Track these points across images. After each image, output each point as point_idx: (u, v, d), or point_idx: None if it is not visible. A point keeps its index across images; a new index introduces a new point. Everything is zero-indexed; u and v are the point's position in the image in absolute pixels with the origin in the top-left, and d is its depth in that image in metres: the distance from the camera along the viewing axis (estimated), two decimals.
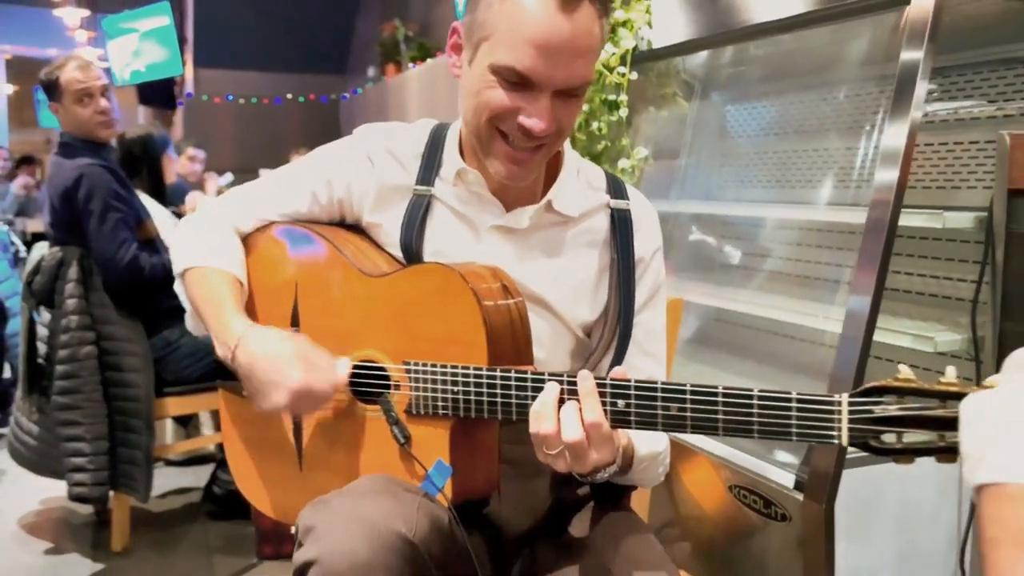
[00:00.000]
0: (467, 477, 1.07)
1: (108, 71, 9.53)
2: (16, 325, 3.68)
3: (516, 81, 1.02)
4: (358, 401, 1.12)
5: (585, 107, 2.29)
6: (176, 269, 1.24)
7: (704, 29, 1.96)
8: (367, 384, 1.11)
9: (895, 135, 1.42)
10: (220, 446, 3.13)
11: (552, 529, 1.18)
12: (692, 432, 0.91)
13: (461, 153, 1.17)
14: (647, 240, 1.21)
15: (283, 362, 1.04)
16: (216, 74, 8.46)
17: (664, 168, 2.42)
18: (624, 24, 2.22)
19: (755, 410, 0.87)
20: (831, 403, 0.84)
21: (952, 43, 1.84)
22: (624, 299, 1.17)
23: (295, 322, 1.19)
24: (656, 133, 2.32)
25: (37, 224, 6.20)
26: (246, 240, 1.25)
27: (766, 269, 2.07)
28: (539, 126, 1.03)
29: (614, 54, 2.20)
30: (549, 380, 0.97)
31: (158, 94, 8.83)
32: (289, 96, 8.58)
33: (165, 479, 3.03)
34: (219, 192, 3.98)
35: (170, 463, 3.24)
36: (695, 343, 2.10)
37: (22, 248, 4.44)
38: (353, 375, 1.10)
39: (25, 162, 7.79)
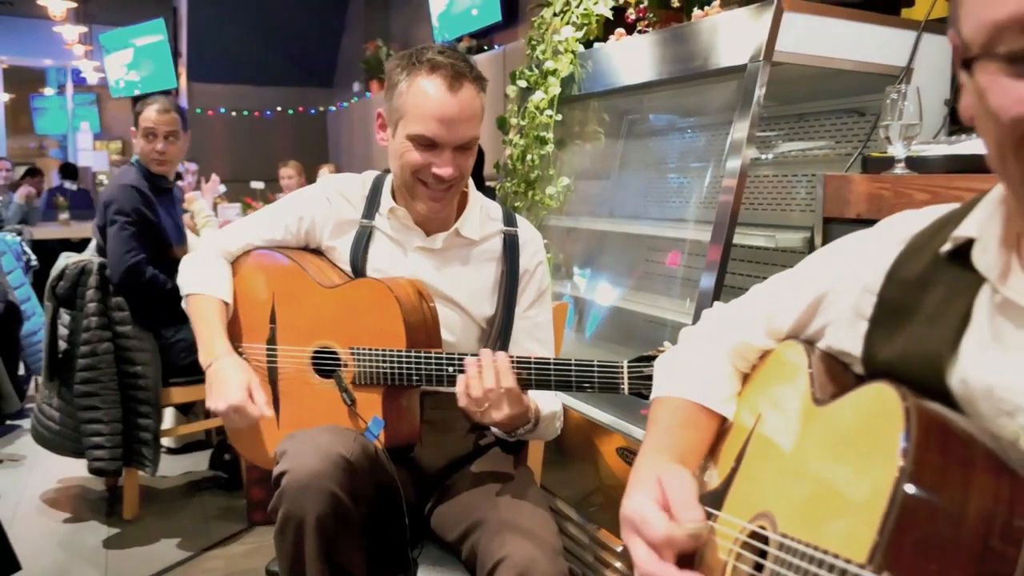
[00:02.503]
0: (396, 428, 1.49)
1: (104, 82, 9.97)
2: (34, 325, 4.09)
3: (426, 144, 1.45)
4: (319, 376, 1.54)
5: (522, 142, 2.71)
6: (182, 293, 1.66)
7: (616, 81, 2.40)
8: (325, 364, 1.53)
9: (731, 169, 1.83)
10: (210, 431, 3.54)
11: (460, 468, 1.59)
12: (536, 388, 1.34)
13: (393, 196, 1.60)
14: (531, 257, 1.63)
15: (233, 385, 1.46)
16: (209, 88, 8.72)
17: (593, 192, 2.86)
18: (553, 73, 2.64)
19: (572, 372, 1.31)
20: (617, 366, 1.27)
21: (804, 94, 2.28)
22: (507, 300, 1.59)
23: (273, 320, 1.60)
24: (581, 163, 2.76)
25: (39, 233, 6.51)
26: (236, 260, 1.66)
27: (653, 274, 2.53)
28: (447, 173, 1.46)
29: (543, 99, 2.63)
30: (460, 359, 1.38)
31: None
32: (279, 109, 8.91)
33: (167, 463, 3.35)
34: (215, 203, 4.37)
35: (171, 451, 3.58)
36: (597, 337, 2.55)
37: (33, 257, 4.75)
38: (314, 357, 1.54)
39: (31, 174, 8.03)
